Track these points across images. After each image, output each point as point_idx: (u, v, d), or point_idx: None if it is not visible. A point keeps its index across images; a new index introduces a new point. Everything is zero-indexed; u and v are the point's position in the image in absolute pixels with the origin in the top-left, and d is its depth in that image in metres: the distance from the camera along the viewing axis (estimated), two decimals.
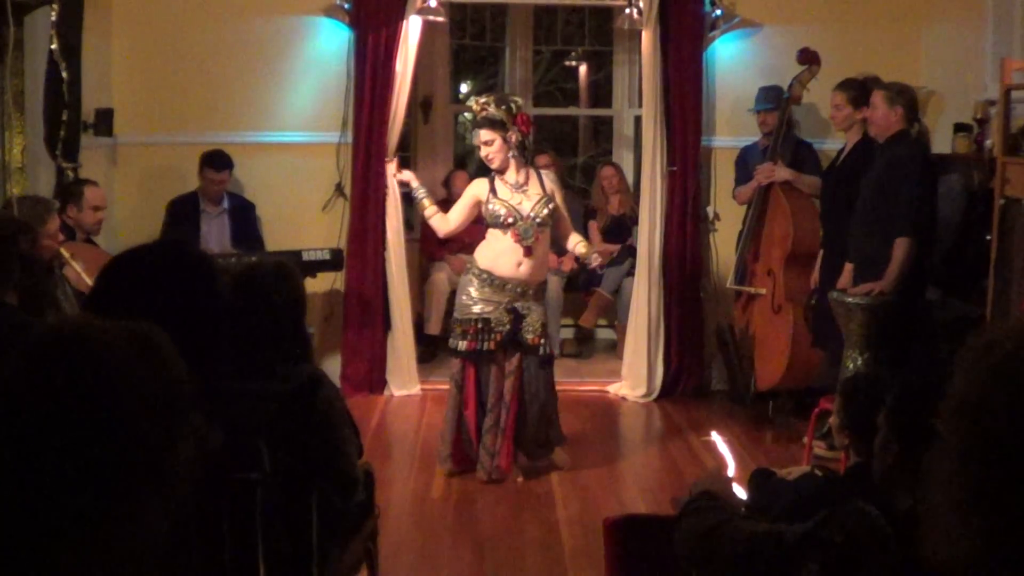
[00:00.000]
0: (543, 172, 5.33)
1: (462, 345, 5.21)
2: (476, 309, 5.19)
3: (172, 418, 1.28)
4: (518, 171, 5.19)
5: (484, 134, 5.13)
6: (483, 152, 5.18)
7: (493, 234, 5.22)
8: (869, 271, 5.41)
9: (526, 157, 5.27)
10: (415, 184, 5.47)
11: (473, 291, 5.21)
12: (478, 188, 5.28)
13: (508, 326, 5.17)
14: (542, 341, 5.24)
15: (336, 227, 6.88)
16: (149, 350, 1.30)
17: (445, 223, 5.38)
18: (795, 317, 6.23)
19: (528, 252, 5.12)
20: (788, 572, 1.96)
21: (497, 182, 5.20)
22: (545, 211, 5.15)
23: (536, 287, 5.25)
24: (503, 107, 5.11)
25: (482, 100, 5.17)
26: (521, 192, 5.17)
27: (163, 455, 1.27)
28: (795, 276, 6.29)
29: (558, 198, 5.26)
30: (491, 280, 5.18)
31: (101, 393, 1.23)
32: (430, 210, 5.37)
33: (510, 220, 5.12)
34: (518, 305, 5.19)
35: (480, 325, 5.18)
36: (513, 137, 5.10)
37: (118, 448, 1.22)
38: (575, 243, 5.41)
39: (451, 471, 5.35)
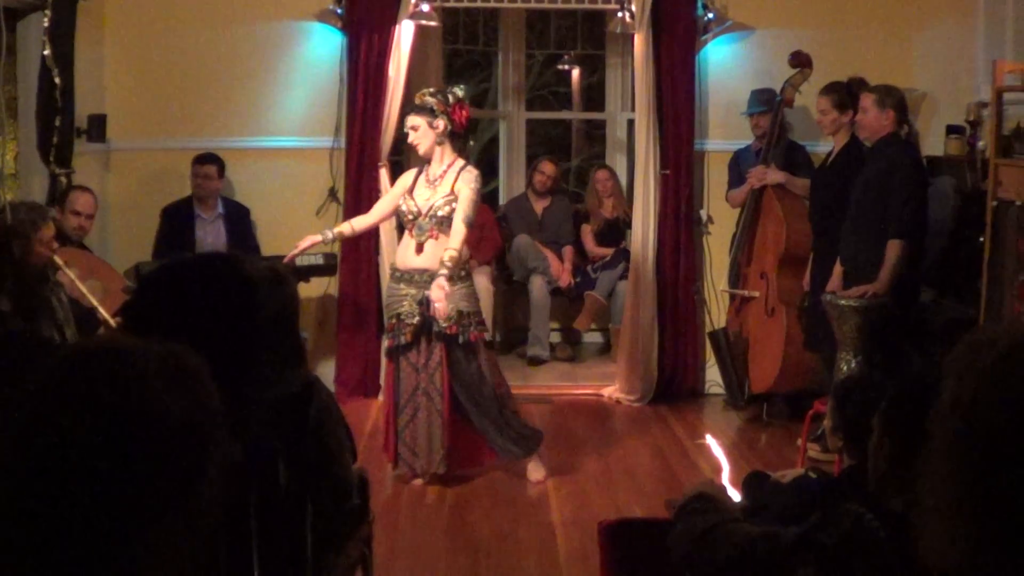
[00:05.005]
0: (465, 171, 5.12)
1: (385, 344, 5.21)
2: (393, 307, 5.18)
3: (202, 446, 1.23)
4: (440, 161, 5.16)
5: (410, 119, 5.18)
6: (410, 138, 5.20)
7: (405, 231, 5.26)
8: (862, 273, 5.42)
9: (458, 147, 5.24)
10: (322, 238, 5.38)
11: (391, 288, 5.24)
12: (406, 180, 5.30)
13: (419, 317, 5.08)
14: (459, 329, 5.09)
15: None
16: (182, 374, 1.24)
17: (364, 220, 5.45)
18: (788, 320, 6.24)
19: (419, 248, 5.11)
20: (782, 575, 1.96)
21: (421, 176, 5.21)
22: (443, 211, 5.08)
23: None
24: (438, 96, 5.15)
25: (423, 91, 5.24)
26: (432, 187, 5.15)
27: (192, 484, 1.22)
28: (788, 279, 6.30)
29: (461, 197, 5.05)
30: (401, 275, 5.18)
31: (128, 416, 1.18)
32: (342, 227, 5.43)
33: (410, 217, 5.15)
34: (429, 293, 5.06)
35: (395, 321, 5.16)
36: (440, 124, 5.09)
37: (145, 476, 1.17)
38: (442, 253, 4.98)
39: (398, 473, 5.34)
